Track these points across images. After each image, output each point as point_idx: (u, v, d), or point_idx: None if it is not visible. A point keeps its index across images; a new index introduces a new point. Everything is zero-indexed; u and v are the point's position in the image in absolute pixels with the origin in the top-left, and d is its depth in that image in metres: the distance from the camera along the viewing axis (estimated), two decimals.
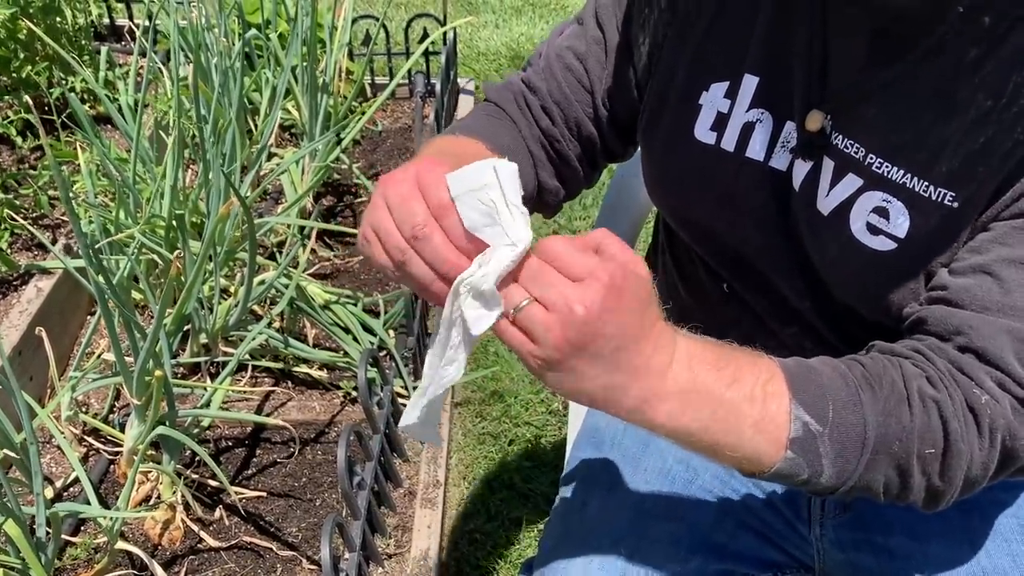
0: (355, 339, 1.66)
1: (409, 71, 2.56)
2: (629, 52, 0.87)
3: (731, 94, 0.80)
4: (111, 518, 1.18)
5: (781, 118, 0.79)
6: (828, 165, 0.76)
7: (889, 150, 0.73)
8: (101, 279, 1.12)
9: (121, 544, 1.29)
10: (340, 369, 1.64)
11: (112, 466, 1.47)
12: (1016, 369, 0.66)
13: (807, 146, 0.77)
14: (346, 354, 1.63)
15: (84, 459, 1.47)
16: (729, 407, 0.64)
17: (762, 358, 0.69)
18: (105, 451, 1.48)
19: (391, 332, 1.69)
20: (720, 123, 0.81)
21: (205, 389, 1.39)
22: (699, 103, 0.82)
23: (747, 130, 0.80)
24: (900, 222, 0.72)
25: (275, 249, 1.85)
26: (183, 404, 1.50)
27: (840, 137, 0.75)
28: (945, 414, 0.66)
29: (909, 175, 0.72)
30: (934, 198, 0.71)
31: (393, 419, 1.51)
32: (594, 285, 0.58)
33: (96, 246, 1.14)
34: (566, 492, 0.96)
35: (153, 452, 1.41)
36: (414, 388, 1.61)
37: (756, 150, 0.80)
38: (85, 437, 1.50)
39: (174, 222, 1.41)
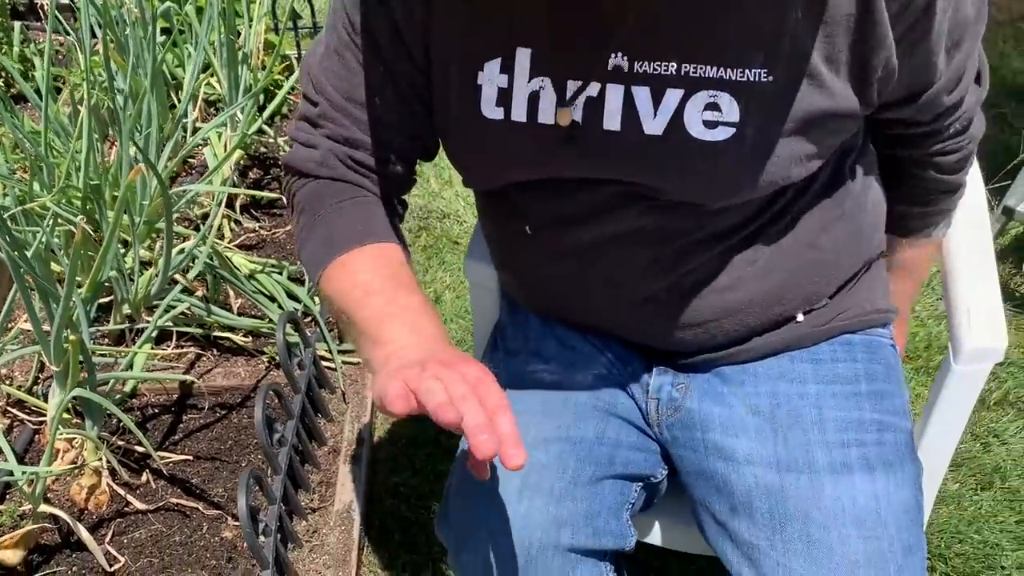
0: (280, 307, 1.69)
1: None
2: (406, 62, 0.87)
3: (507, 69, 0.83)
4: (30, 480, 1.20)
5: (562, 80, 0.82)
6: (642, 92, 0.81)
7: (695, 54, 0.79)
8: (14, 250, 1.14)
9: (47, 508, 1.32)
10: (265, 336, 1.67)
11: (37, 436, 1.49)
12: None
13: (587, 109, 0.82)
14: (271, 321, 1.66)
15: (8, 430, 1.49)
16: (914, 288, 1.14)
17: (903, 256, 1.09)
18: (30, 421, 1.50)
19: (316, 299, 1.72)
20: (504, 98, 0.84)
21: (123, 356, 1.41)
22: (478, 83, 0.85)
23: (534, 98, 0.83)
24: (731, 109, 0.79)
25: (200, 221, 1.86)
26: (109, 373, 1.52)
27: (646, 63, 0.80)
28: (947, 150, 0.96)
29: (721, 68, 0.78)
30: (752, 79, 0.78)
31: (316, 380, 1.54)
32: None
33: (7, 215, 1.16)
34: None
35: (79, 421, 1.43)
36: (338, 351, 1.65)
37: (546, 115, 0.83)
38: (9, 409, 1.51)
39: (90, 192, 1.42)
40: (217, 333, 1.65)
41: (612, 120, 0.82)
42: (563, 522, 0.89)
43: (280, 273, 1.76)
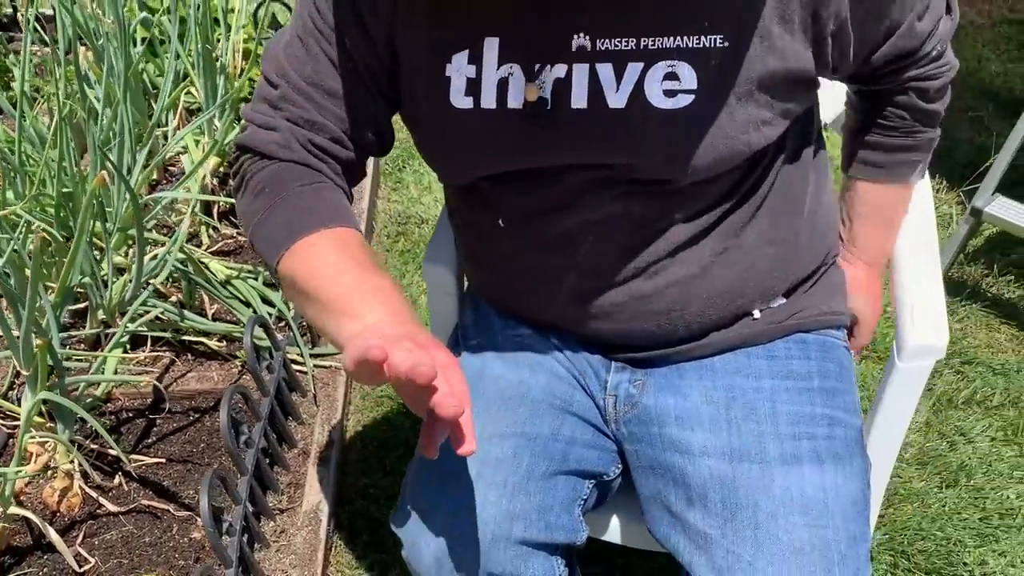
0: (255, 311, 1.72)
1: None
2: (368, 52, 0.89)
3: (475, 59, 0.87)
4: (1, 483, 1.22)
5: (530, 64, 0.86)
6: (605, 69, 0.85)
7: (651, 27, 0.83)
8: None
9: (18, 510, 1.34)
10: (239, 340, 1.69)
11: (11, 439, 1.51)
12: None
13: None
14: (244, 326, 1.68)
15: None
16: (893, 215, 1.14)
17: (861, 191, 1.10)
18: (5, 426, 1.52)
19: (290, 303, 1.74)
20: (473, 87, 0.87)
21: (94, 360, 1.44)
22: (447, 75, 0.88)
23: (503, 85, 0.87)
24: (689, 77, 0.83)
25: (178, 227, 1.89)
26: (76, 376, 1.54)
27: (607, 41, 0.84)
28: (922, 97, 0.99)
29: (677, 37, 0.83)
30: (706, 45, 0.82)
31: (286, 383, 1.57)
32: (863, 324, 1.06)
33: None
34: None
35: (52, 425, 1.45)
36: (310, 354, 1.68)
37: (516, 100, 0.87)
38: None
39: (62, 200, 1.45)
40: (192, 338, 1.67)
41: (579, 99, 0.86)
42: (516, 516, 0.91)
43: (256, 278, 1.79)
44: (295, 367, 1.65)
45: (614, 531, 1.16)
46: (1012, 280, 2.09)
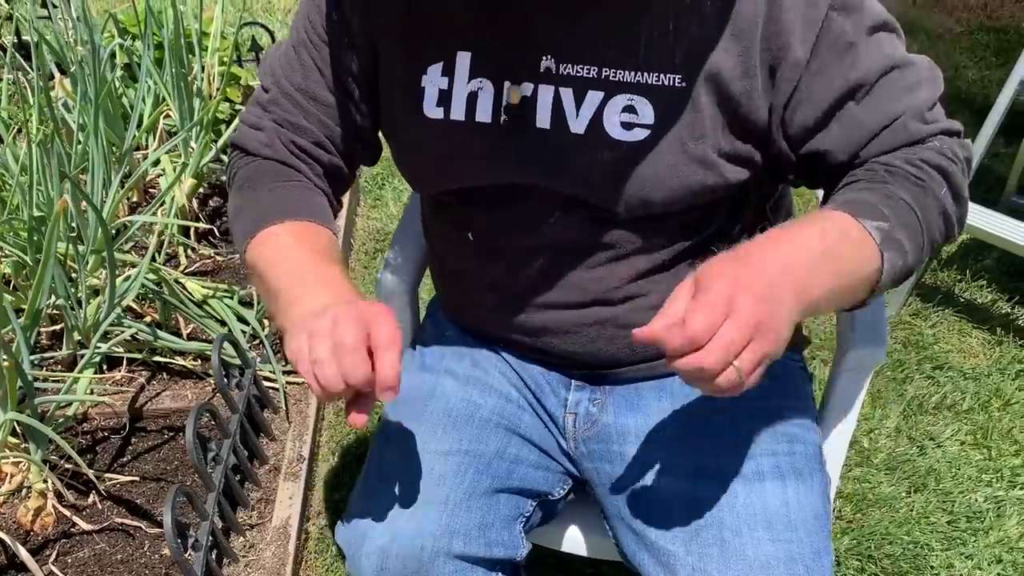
0: (231, 330, 1.74)
1: None
2: (354, 63, 0.95)
3: (448, 72, 0.91)
4: None
5: (499, 81, 0.89)
6: (567, 93, 0.87)
7: (614, 59, 0.85)
8: None
9: None
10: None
11: None
12: (931, 128, 0.86)
13: (517, 110, 0.89)
14: None
15: None
16: (837, 252, 0.77)
17: (812, 215, 0.82)
18: None
19: (264, 321, 1.77)
20: (444, 98, 0.91)
21: (65, 381, 1.46)
22: (422, 86, 0.92)
23: (472, 99, 0.90)
24: (646, 112, 0.86)
25: (156, 250, 1.92)
26: (44, 397, 1.56)
27: (570, 66, 0.87)
28: (933, 162, 0.85)
29: (638, 72, 0.85)
30: (665, 84, 0.85)
31: (257, 400, 1.59)
32: (737, 303, 0.69)
33: None
34: (372, 450, 1.05)
35: (27, 445, 1.48)
36: (282, 371, 1.70)
37: (484, 113, 0.90)
38: None
39: (35, 224, 1.47)
40: (166, 358, 1.70)
41: (543, 119, 0.89)
42: (455, 531, 0.93)
43: (232, 298, 1.81)
44: (268, 384, 1.67)
45: (579, 544, 1.17)
46: (984, 285, 2.11)
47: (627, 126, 0.86)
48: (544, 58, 0.87)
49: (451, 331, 1.13)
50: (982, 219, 1.96)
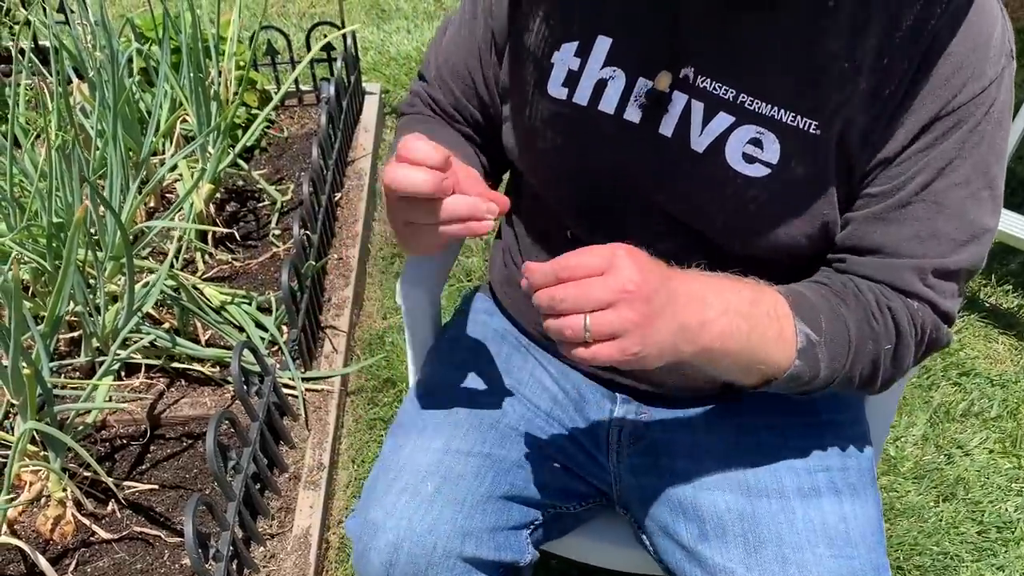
0: (248, 337, 1.73)
1: (314, 77, 2.63)
2: (499, 28, 0.96)
3: (582, 52, 0.88)
4: None
5: (634, 75, 0.86)
6: (697, 107, 0.84)
7: (756, 87, 0.82)
8: None
9: (10, 539, 1.35)
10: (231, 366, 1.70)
11: (6, 468, 1.52)
12: (925, 291, 0.82)
13: (655, 102, 0.85)
14: None
15: None
16: (755, 322, 0.76)
17: (762, 283, 0.81)
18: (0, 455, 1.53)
19: (283, 328, 1.76)
20: (571, 79, 0.89)
21: (84, 388, 1.45)
22: (551, 62, 0.90)
23: (600, 86, 0.88)
24: (772, 150, 0.82)
25: (174, 255, 1.91)
26: (63, 405, 1.56)
27: (708, 80, 0.83)
28: (897, 317, 0.82)
29: (777, 108, 0.81)
30: (801, 127, 0.80)
31: (276, 408, 1.57)
32: (620, 265, 0.68)
33: None
34: (388, 440, 1.03)
35: (47, 453, 1.47)
36: (302, 378, 1.68)
37: (608, 104, 0.88)
38: None
39: (53, 231, 1.47)
40: (185, 364, 1.69)
41: (667, 126, 0.86)
42: (468, 533, 0.92)
43: (250, 303, 1.80)
44: (287, 391, 1.66)
45: (608, 557, 1.15)
46: (1010, 290, 2.08)
47: (749, 159, 0.83)
48: (686, 65, 0.84)
49: (492, 326, 1.11)
50: (1007, 223, 1.93)
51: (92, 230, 1.67)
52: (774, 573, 0.87)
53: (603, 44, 0.87)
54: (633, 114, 0.87)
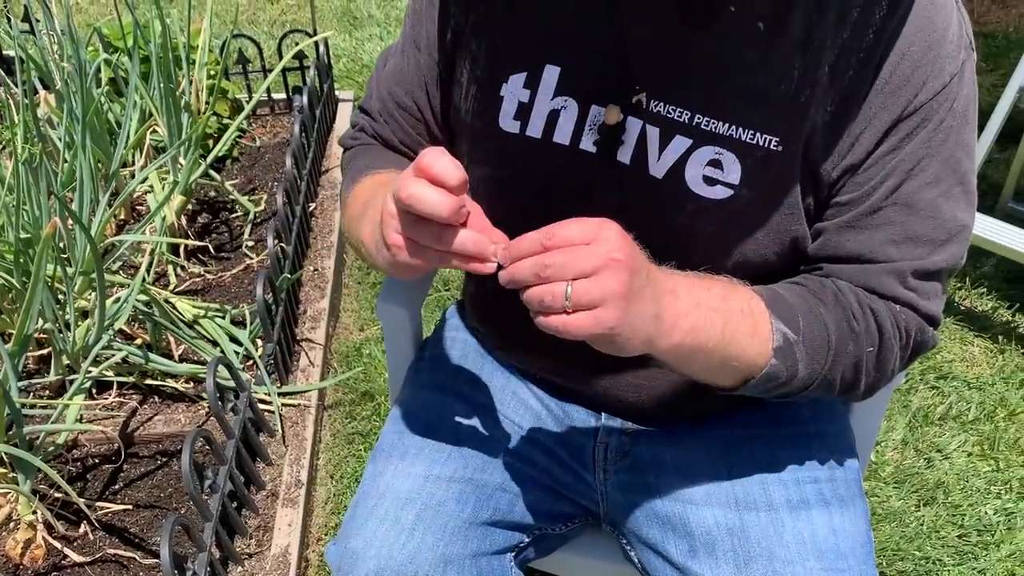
0: (223, 351, 1.70)
1: (287, 85, 2.60)
2: (446, 63, 0.92)
3: (531, 84, 0.85)
4: None
5: (586, 103, 0.84)
6: (653, 132, 0.82)
7: (711, 107, 0.79)
8: None
9: None
10: (205, 381, 1.67)
11: None
12: (906, 295, 0.81)
13: (610, 132, 0.83)
14: None
15: None
16: (728, 318, 0.74)
17: (735, 281, 0.78)
18: None
19: (258, 341, 1.73)
20: (523, 112, 0.86)
21: (54, 407, 1.41)
22: (500, 94, 0.87)
23: (553, 117, 0.85)
24: (733, 170, 0.80)
25: (146, 269, 1.87)
26: (33, 426, 1.52)
27: (662, 105, 0.81)
28: (880, 319, 0.80)
29: (734, 127, 0.79)
30: (761, 144, 0.78)
31: (252, 424, 1.55)
32: (607, 236, 0.66)
33: None
34: (369, 466, 1.01)
35: (15, 475, 1.43)
36: (278, 393, 1.66)
37: (563, 135, 0.85)
38: None
39: (20, 246, 1.43)
40: (158, 381, 1.65)
41: (624, 153, 0.83)
42: (450, 560, 0.90)
43: (223, 317, 1.77)
44: (263, 407, 1.63)
45: (591, 573, 1.13)
46: (984, 292, 2.09)
47: (710, 181, 0.80)
48: (637, 90, 0.81)
49: (471, 347, 1.09)
50: (980, 226, 1.94)
51: (61, 245, 1.63)
52: None
53: (552, 73, 0.84)
54: (589, 144, 0.84)
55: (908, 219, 0.79)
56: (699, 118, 0.80)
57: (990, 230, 1.94)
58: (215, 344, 1.72)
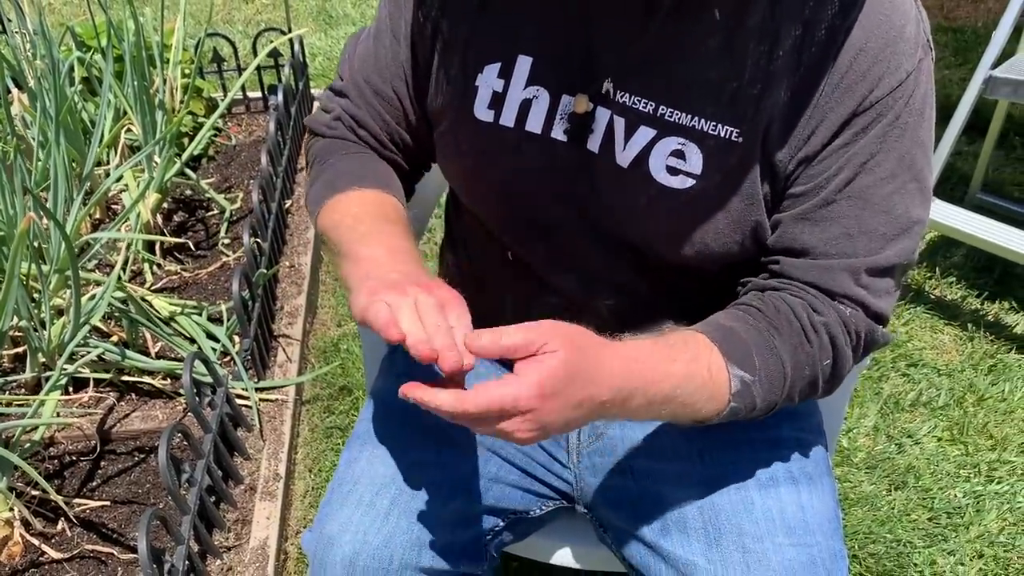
0: (199, 347, 1.70)
1: (262, 84, 2.61)
2: (423, 54, 0.94)
3: (504, 74, 0.88)
4: None
5: (557, 93, 0.86)
6: (620, 122, 0.84)
7: (674, 99, 0.81)
8: None
9: None
10: (182, 378, 1.67)
11: None
12: (859, 292, 0.82)
13: (580, 121, 0.86)
14: None
15: None
16: (684, 400, 0.77)
17: (695, 336, 0.80)
18: None
19: (235, 338, 1.73)
20: (496, 102, 0.89)
21: (30, 404, 1.41)
22: (476, 84, 0.89)
23: (525, 106, 0.88)
24: (695, 160, 0.82)
25: (122, 266, 1.87)
26: (4, 423, 1.52)
27: (627, 95, 0.83)
28: (832, 331, 0.82)
29: (696, 118, 0.81)
30: (722, 135, 0.80)
31: (230, 419, 1.55)
32: (522, 393, 0.69)
33: None
34: (344, 453, 1.02)
35: None
36: (255, 388, 1.66)
37: (535, 124, 0.87)
38: None
39: None
40: (135, 378, 1.66)
41: (593, 142, 0.86)
42: (425, 545, 0.91)
43: (200, 314, 1.77)
44: (240, 402, 1.64)
45: (568, 556, 1.15)
46: (954, 282, 2.13)
47: (672, 171, 0.83)
48: (605, 80, 0.84)
49: None
50: (949, 216, 1.98)
51: (36, 242, 1.63)
52: (735, 563, 0.87)
53: (524, 64, 0.87)
54: (559, 132, 0.87)
55: (861, 213, 0.81)
56: (663, 109, 0.82)
57: (960, 221, 1.97)
58: (192, 341, 1.73)
